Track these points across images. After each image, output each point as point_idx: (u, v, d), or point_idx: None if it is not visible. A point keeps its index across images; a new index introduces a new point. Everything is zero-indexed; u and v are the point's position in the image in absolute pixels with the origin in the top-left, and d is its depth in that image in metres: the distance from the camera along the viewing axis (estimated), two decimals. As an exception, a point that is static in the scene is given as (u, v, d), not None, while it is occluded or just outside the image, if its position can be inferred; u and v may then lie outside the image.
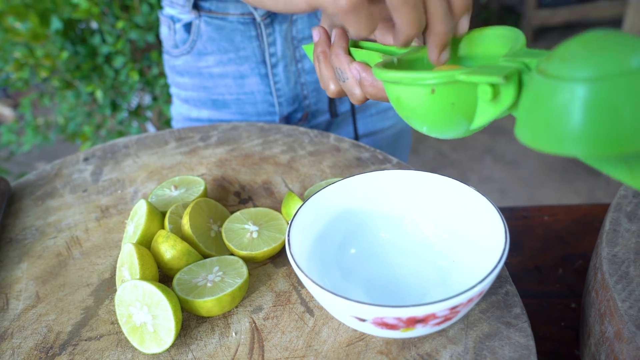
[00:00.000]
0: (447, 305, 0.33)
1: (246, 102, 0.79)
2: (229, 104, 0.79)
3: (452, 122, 0.35)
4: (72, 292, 0.48)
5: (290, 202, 0.51)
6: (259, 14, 0.70)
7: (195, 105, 0.82)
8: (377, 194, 0.47)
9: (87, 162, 0.68)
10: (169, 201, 0.55)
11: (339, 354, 0.40)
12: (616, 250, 0.45)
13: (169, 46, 0.79)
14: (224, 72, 0.76)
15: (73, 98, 1.68)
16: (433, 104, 0.34)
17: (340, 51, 0.44)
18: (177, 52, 0.77)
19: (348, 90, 0.45)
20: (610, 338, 0.41)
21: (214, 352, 0.41)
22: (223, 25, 0.72)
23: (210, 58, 0.75)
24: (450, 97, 0.34)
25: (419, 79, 0.34)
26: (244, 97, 0.78)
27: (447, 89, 0.33)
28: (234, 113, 0.80)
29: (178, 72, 0.80)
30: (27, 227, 0.57)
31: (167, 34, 0.78)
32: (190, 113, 0.83)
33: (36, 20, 1.50)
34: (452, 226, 0.45)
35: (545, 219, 0.72)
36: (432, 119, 0.35)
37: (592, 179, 2.21)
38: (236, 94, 0.78)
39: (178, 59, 0.78)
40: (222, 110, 0.80)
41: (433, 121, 0.36)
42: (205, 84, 0.78)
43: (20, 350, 0.43)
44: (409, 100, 0.36)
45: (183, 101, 0.83)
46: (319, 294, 0.35)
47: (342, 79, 0.44)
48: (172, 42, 0.78)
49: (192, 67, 0.78)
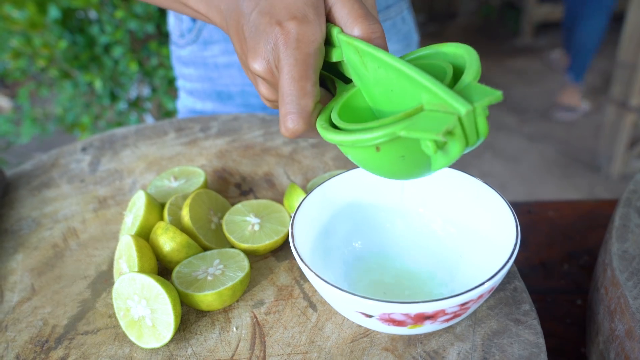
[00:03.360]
0: (458, 302, 0.32)
1: (251, 94, 0.77)
2: (234, 96, 0.78)
3: (407, 171, 0.33)
4: (68, 285, 0.47)
5: (293, 194, 0.50)
6: None
7: (199, 98, 0.81)
8: (383, 187, 0.46)
9: (85, 152, 0.67)
10: (168, 192, 0.53)
11: (342, 350, 0.38)
12: (626, 246, 0.44)
13: (175, 36, 0.78)
14: (229, 62, 0.75)
15: (71, 88, 1.66)
16: (382, 160, 0.32)
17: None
18: (184, 41, 0.76)
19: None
20: (620, 336, 0.40)
21: (214, 347, 0.40)
22: None
23: (215, 47, 0.74)
24: (398, 151, 0.31)
25: (359, 141, 0.31)
26: (249, 88, 0.77)
27: (391, 145, 0.31)
28: (238, 105, 0.79)
29: (184, 63, 0.79)
30: (23, 218, 0.56)
31: (174, 23, 0.78)
32: (194, 105, 0.82)
33: (34, 9, 1.48)
34: (460, 220, 0.44)
35: (550, 215, 0.71)
36: (386, 171, 0.34)
37: (592, 175, 2.21)
38: (241, 85, 0.77)
39: (184, 49, 0.77)
40: (227, 103, 0.79)
41: (388, 173, 0.34)
42: (210, 74, 0.77)
43: (14, 343, 0.41)
44: (357, 157, 0.34)
45: (188, 93, 0.82)
46: (324, 288, 0.34)
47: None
48: (178, 31, 0.77)
49: (197, 57, 0.76)
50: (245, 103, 0.78)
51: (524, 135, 2.54)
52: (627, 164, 2.12)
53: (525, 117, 2.68)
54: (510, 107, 2.77)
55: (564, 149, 2.39)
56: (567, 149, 2.39)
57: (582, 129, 2.48)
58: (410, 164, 0.32)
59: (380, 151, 0.32)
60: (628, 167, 2.13)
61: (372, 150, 0.32)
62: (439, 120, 0.28)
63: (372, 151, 0.32)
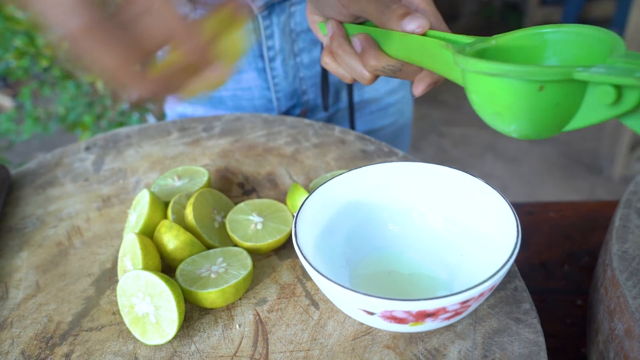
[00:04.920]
0: (459, 299, 0.32)
1: (243, 98, 0.77)
2: (225, 100, 0.78)
3: (548, 123, 0.32)
4: (72, 282, 0.47)
5: (295, 193, 0.50)
6: (257, 6, 0.69)
7: (190, 103, 0.80)
8: (385, 186, 0.46)
9: (89, 151, 0.68)
10: (172, 191, 0.54)
11: (344, 347, 0.39)
12: (626, 247, 0.45)
13: None
14: None
15: (74, 88, 1.66)
16: (536, 102, 0.31)
17: (341, 40, 0.44)
18: None
19: (353, 71, 0.44)
20: (620, 335, 0.41)
21: (217, 344, 0.40)
22: None
23: None
24: (558, 96, 0.30)
25: (530, 73, 0.30)
26: (241, 92, 0.77)
27: (557, 87, 0.30)
28: (229, 109, 0.79)
29: None
30: (28, 216, 0.57)
31: None
32: (185, 111, 0.82)
33: (37, 9, 1.48)
34: (461, 219, 0.44)
35: (551, 215, 0.71)
36: (529, 118, 0.32)
37: (593, 177, 2.21)
38: (232, 89, 0.77)
39: None
40: (218, 108, 0.79)
41: (528, 121, 0.32)
42: None
43: (19, 339, 0.42)
44: (507, 96, 0.32)
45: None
46: (326, 286, 0.35)
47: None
48: None
49: None
50: (236, 107, 0.79)
51: (525, 136, 2.54)
52: (629, 166, 2.12)
53: (526, 118, 2.68)
54: (511, 109, 2.77)
55: (566, 151, 2.39)
56: (568, 150, 2.40)
57: (584, 130, 2.48)
58: (558, 114, 0.31)
59: (542, 91, 0.30)
60: (629, 170, 2.13)
61: (534, 89, 0.30)
62: (625, 71, 0.28)
63: (534, 90, 0.30)
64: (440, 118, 2.77)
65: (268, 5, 0.69)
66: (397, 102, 0.85)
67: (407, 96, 0.88)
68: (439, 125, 2.73)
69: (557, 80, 0.30)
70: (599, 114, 0.30)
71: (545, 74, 0.30)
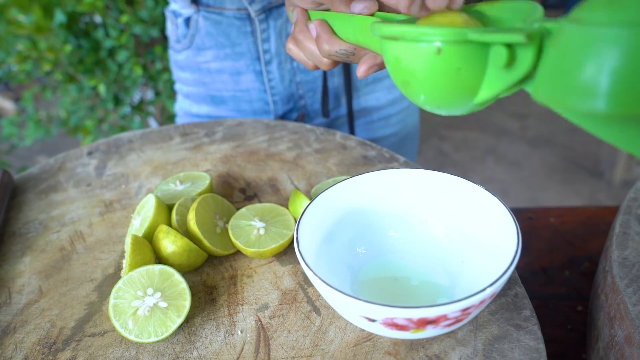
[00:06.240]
0: (459, 307, 0.32)
1: (242, 100, 0.78)
2: (226, 101, 0.79)
3: (454, 91, 0.32)
4: (75, 287, 0.48)
5: (296, 200, 0.50)
6: (254, 10, 0.69)
7: (195, 101, 0.82)
8: (386, 193, 0.47)
9: (91, 156, 0.68)
10: (175, 195, 0.54)
11: (346, 354, 0.39)
12: (626, 253, 0.45)
13: (173, 41, 0.80)
14: (220, 68, 0.76)
15: (76, 92, 1.67)
16: (437, 67, 0.31)
17: (302, 26, 0.45)
18: (180, 46, 0.78)
19: (313, 56, 0.45)
20: (620, 342, 0.41)
21: (220, 350, 0.40)
22: (220, 20, 0.72)
23: (208, 53, 0.75)
24: (457, 61, 0.30)
25: (425, 34, 0.30)
26: (240, 94, 0.78)
27: (455, 49, 0.30)
28: (231, 110, 0.80)
29: (180, 67, 0.81)
30: (30, 221, 0.57)
31: (171, 29, 0.79)
32: (190, 108, 0.83)
33: (40, 13, 1.49)
34: (462, 226, 0.44)
35: (551, 221, 0.71)
36: (433, 85, 0.32)
37: (594, 181, 2.21)
38: (232, 90, 0.78)
39: (180, 53, 0.79)
40: (220, 107, 0.80)
41: (433, 88, 0.32)
42: (204, 79, 0.78)
43: (23, 345, 0.42)
44: (408, 61, 0.32)
45: (185, 96, 0.84)
46: (328, 293, 0.35)
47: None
48: (175, 36, 0.78)
49: (192, 62, 0.78)
50: (237, 108, 0.79)
51: (526, 140, 2.55)
52: (630, 171, 2.13)
53: (527, 122, 2.69)
54: (512, 113, 2.78)
55: (566, 155, 2.40)
56: (569, 154, 2.40)
57: (585, 134, 2.48)
58: (462, 81, 0.31)
59: (440, 54, 0.30)
60: (630, 174, 2.13)
61: (432, 52, 0.30)
62: (517, 29, 0.27)
63: (433, 53, 0.30)
64: (441, 121, 2.77)
65: (265, 9, 0.70)
66: (399, 113, 0.85)
67: (412, 107, 0.88)
68: (440, 129, 2.74)
69: (451, 40, 0.29)
70: (501, 80, 0.29)
71: (438, 34, 0.30)
